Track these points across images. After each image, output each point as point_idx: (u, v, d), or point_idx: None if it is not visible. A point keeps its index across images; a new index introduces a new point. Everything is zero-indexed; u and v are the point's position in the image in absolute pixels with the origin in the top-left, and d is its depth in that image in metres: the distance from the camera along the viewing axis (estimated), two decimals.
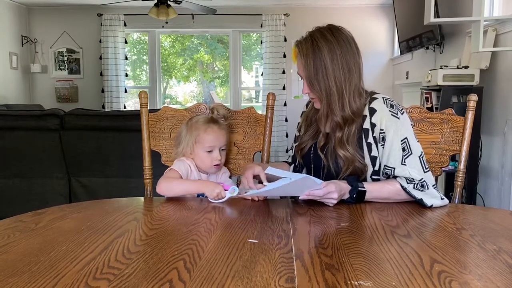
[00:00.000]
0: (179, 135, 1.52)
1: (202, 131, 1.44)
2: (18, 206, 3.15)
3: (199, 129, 1.44)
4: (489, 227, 1.05)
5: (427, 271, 0.77)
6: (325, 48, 1.29)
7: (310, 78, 1.31)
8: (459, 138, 1.47)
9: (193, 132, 1.45)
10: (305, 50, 1.31)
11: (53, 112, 3.11)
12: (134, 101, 6.84)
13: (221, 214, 1.17)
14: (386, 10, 5.85)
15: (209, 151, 1.44)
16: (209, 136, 1.44)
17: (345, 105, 1.31)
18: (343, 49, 1.30)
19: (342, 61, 1.29)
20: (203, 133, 1.44)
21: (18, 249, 0.87)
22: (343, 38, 1.31)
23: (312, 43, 1.30)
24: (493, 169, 3.19)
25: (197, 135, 1.44)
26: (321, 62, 1.29)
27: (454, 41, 3.88)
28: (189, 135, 1.46)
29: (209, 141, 1.44)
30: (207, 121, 1.47)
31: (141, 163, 1.61)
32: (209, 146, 1.44)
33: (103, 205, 1.25)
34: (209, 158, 1.45)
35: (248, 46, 7.00)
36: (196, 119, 1.49)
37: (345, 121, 1.31)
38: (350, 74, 1.31)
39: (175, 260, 0.82)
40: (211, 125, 1.45)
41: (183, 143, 1.48)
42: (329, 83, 1.30)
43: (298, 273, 0.76)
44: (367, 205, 1.24)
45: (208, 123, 1.46)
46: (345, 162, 1.30)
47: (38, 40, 6.18)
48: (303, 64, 1.32)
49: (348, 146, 1.30)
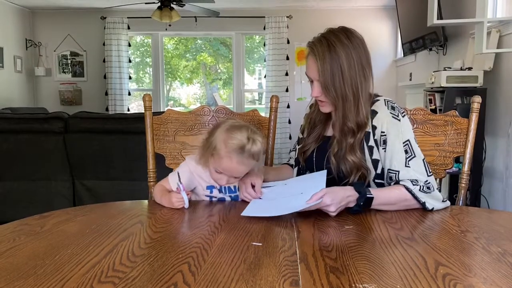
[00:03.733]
0: (211, 132, 1.31)
1: (222, 154, 1.23)
2: (23, 209, 3.16)
3: (221, 149, 1.24)
4: (494, 230, 1.05)
5: (431, 274, 0.77)
6: (342, 53, 1.25)
7: (326, 83, 1.27)
8: (463, 140, 1.47)
9: (217, 145, 1.24)
10: (321, 54, 1.27)
11: (57, 115, 3.13)
12: (137, 103, 6.86)
13: (225, 217, 1.17)
14: (389, 11, 5.84)
15: (217, 172, 1.29)
16: (223, 163, 1.25)
17: (360, 110, 1.28)
18: (358, 53, 1.27)
19: (358, 66, 1.27)
20: (221, 157, 1.24)
21: (23, 253, 0.88)
22: (358, 42, 1.28)
23: (329, 47, 1.26)
24: (497, 171, 3.18)
25: (216, 151, 1.25)
26: (338, 67, 1.25)
27: (458, 43, 3.87)
28: (213, 144, 1.26)
29: (220, 167, 1.26)
30: (233, 149, 1.22)
31: (145, 166, 1.62)
32: (219, 170, 1.28)
33: (107, 208, 1.26)
34: (215, 175, 1.30)
35: (251, 48, 7.01)
36: (229, 136, 1.24)
37: (359, 127, 1.29)
38: (365, 79, 1.29)
39: (179, 263, 0.82)
40: (232, 156, 1.22)
41: (205, 147, 1.29)
42: (346, 90, 1.27)
43: (302, 276, 0.76)
44: (371, 208, 1.23)
45: (231, 153, 1.22)
46: (353, 167, 1.27)
47: (42, 44, 6.21)
48: (319, 69, 1.27)
49: (357, 151, 1.28)
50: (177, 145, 1.62)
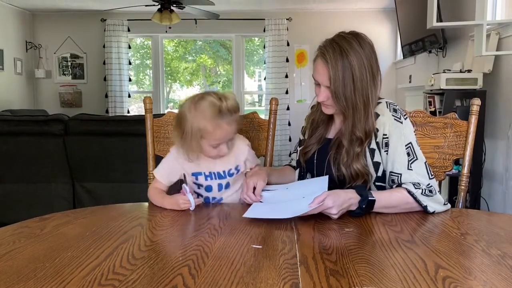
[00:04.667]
0: (180, 125, 1.32)
1: (210, 128, 1.27)
2: (22, 211, 3.16)
3: (206, 125, 1.27)
4: (493, 232, 1.05)
5: (431, 276, 0.77)
6: (355, 62, 1.22)
7: (337, 92, 1.25)
8: (463, 142, 1.47)
9: (199, 126, 1.27)
10: (333, 61, 1.23)
11: (57, 117, 3.13)
12: (137, 105, 6.87)
13: (225, 219, 1.17)
14: (388, 14, 5.85)
15: (214, 147, 1.33)
16: (216, 135, 1.28)
17: (370, 118, 1.27)
18: (370, 61, 1.25)
19: (369, 75, 1.25)
20: (211, 131, 1.27)
21: (23, 255, 0.88)
22: (369, 49, 1.26)
23: (342, 54, 1.23)
24: (497, 173, 3.18)
25: (204, 131, 1.28)
26: (350, 77, 1.23)
27: (457, 45, 3.88)
28: (196, 128, 1.28)
29: (216, 139, 1.30)
30: (214, 116, 1.26)
31: (145, 168, 1.62)
32: (216, 143, 1.31)
33: (107, 211, 1.26)
34: (214, 151, 1.33)
35: (250, 50, 7.02)
36: (202, 110, 1.28)
37: (367, 136, 1.28)
38: (375, 87, 1.28)
39: (179, 266, 0.82)
40: (219, 122, 1.27)
41: (189, 139, 1.30)
42: (357, 99, 1.25)
43: (302, 279, 0.76)
44: (372, 211, 1.23)
45: (216, 119, 1.26)
46: (356, 175, 1.27)
47: (42, 46, 6.21)
48: (330, 77, 1.24)
49: (362, 159, 1.27)
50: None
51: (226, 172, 1.41)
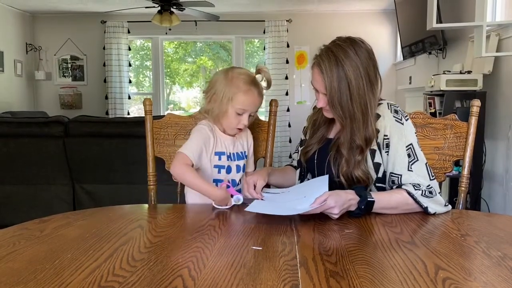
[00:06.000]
0: (212, 87, 1.39)
1: (242, 91, 1.34)
2: (23, 213, 3.16)
3: (239, 88, 1.34)
4: (493, 233, 1.05)
5: (431, 278, 0.77)
6: (351, 72, 1.21)
7: (333, 101, 1.25)
8: (463, 143, 1.47)
9: (232, 88, 1.34)
10: (328, 70, 1.23)
11: (57, 119, 3.13)
12: (137, 107, 6.86)
13: (225, 221, 1.17)
14: (388, 15, 5.86)
15: (239, 113, 1.37)
16: (247, 100, 1.34)
17: (369, 126, 1.26)
18: (367, 69, 1.24)
19: (367, 84, 1.24)
20: (242, 94, 1.34)
21: (23, 257, 0.88)
22: (366, 56, 1.25)
23: (337, 64, 1.22)
24: (497, 174, 3.18)
25: (235, 93, 1.34)
26: (346, 86, 1.22)
27: (457, 46, 3.88)
28: (228, 90, 1.34)
29: (244, 105, 1.35)
30: (249, 82, 1.35)
31: (145, 170, 1.62)
32: (242, 109, 1.36)
33: (107, 212, 1.26)
34: (236, 119, 1.38)
35: (250, 52, 7.02)
36: (238, 74, 1.37)
37: (367, 143, 1.27)
38: (374, 95, 1.27)
39: (179, 268, 0.82)
40: (252, 89, 1.35)
41: (218, 100, 1.36)
42: (354, 109, 1.24)
43: (302, 281, 0.76)
44: (372, 212, 1.23)
45: (250, 85, 1.35)
46: (357, 180, 1.27)
47: (42, 48, 6.22)
48: (326, 85, 1.24)
49: (363, 165, 1.27)
50: (177, 148, 1.61)
51: (243, 153, 1.49)
